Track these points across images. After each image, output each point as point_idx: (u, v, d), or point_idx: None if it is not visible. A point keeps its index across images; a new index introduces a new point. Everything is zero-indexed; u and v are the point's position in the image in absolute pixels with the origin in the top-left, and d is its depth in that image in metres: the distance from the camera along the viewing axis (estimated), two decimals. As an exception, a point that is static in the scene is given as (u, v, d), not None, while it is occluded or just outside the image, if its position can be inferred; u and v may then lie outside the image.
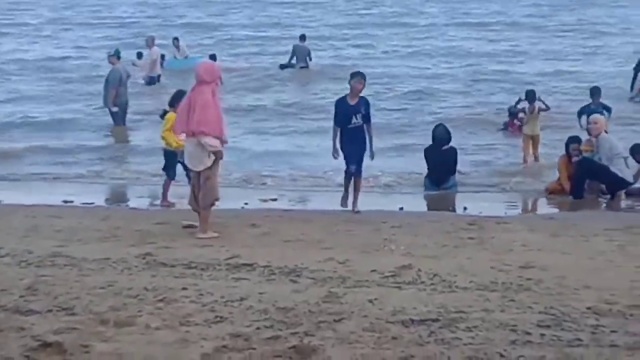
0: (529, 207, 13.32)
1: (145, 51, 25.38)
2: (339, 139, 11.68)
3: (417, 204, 13.12)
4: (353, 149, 11.55)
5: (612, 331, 6.01)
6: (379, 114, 18.67)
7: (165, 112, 12.56)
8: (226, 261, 8.41)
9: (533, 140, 15.68)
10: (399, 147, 17.16)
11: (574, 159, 13.51)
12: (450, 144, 14.07)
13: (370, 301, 6.85)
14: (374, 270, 7.93)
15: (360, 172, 11.73)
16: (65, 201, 12.88)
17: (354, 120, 11.47)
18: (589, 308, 6.60)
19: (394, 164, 15.36)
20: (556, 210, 12.86)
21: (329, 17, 41.35)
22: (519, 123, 17.50)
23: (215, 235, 9.88)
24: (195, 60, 28.64)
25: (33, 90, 25.38)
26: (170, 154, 12.48)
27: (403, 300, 6.87)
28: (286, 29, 36.90)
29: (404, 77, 26.28)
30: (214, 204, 10.13)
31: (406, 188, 14.18)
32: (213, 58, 25.99)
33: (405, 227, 10.39)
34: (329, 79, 25.62)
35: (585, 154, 13.46)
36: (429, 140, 14.35)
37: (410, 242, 9.40)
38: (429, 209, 13.10)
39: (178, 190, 12.45)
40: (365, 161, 11.80)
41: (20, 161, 16.66)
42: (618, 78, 23.79)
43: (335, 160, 11.95)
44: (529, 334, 5.97)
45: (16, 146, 17.81)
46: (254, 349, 5.70)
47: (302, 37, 28.65)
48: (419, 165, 14.29)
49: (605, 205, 12.95)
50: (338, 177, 13.01)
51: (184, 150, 10.40)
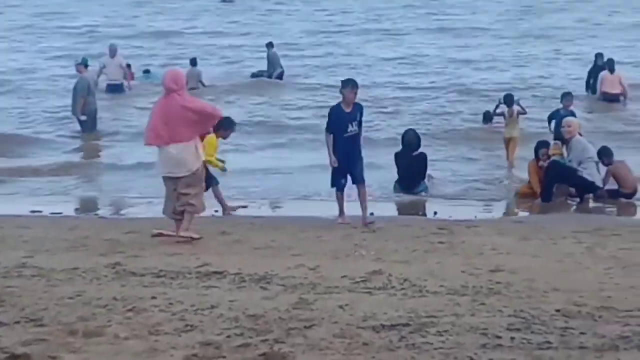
0: (499, 211, 13.37)
1: (106, 58, 25.14)
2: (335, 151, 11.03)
3: (388, 209, 13.13)
4: (350, 159, 11.06)
5: (581, 333, 6.05)
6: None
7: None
8: (196, 269, 8.37)
9: (513, 143, 15.80)
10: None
11: (541, 164, 13.59)
12: (420, 149, 14.11)
13: (340, 307, 6.85)
14: (344, 276, 7.93)
15: (363, 180, 11.25)
16: (33, 211, 12.75)
17: (350, 129, 10.98)
18: (558, 310, 6.64)
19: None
20: (526, 213, 12.94)
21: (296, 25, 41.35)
22: (496, 125, 17.76)
23: (196, 236, 9.99)
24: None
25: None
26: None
27: (374, 306, 6.87)
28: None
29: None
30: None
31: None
32: (193, 62, 25.91)
33: (375, 232, 10.41)
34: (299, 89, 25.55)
35: (554, 158, 13.55)
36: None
37: (381, 247, 9.41)
38: (399, 213, 13.12)
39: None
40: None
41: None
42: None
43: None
44: (499, 338, 5.99)
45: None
46: (224, 357, 5.68)
47: (271, 45, 28.57)
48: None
49: (574, 208, 13.03)
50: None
51: (160, 159, 10.13)
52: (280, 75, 27.74)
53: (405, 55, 30.51)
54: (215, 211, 12.54)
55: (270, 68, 27.67)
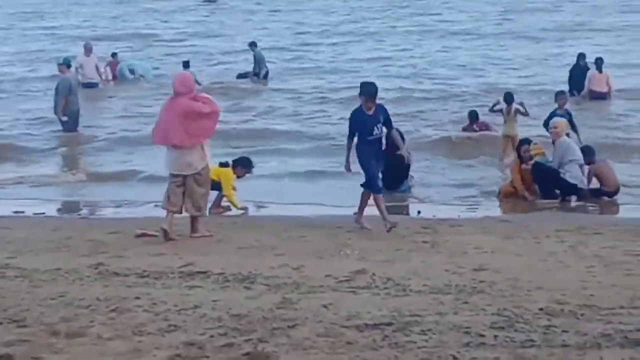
0: (483, 210, 13.39)
1: (82, 57, 25.11)
2: (354, 153, 10.78)
3: (371, 208, 13.12)
4: (378, 161, 10.73)
5: (564, 331, 6.07)
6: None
7: (222, 165, 12.52)
8: (180, 269, 8.36)
9: (512, 140, 15.83)
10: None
11: (523, 167, 13.63)
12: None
13: (324, 306, 6.86)
14: (328, 276, 7.95)
15: (380, 189, 10.94)
16: (16, 212, 12.70)
17: (375, 132, 10.58)
18: (541, 309, 6.67)
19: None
20: (509, 212, 12.96)
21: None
22: (478, 127, 17.92)
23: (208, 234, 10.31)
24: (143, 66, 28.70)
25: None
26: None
27: (357, 305, 6.88)
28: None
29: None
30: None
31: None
32: (186, 65, 25.96)
33: (359, 232, 10.42)
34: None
35: (536, 158, 13.58)
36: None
37: (365, 247, 9.42)
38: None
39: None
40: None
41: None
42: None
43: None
44: (482, 336, 6.01)
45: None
46: (208, 357, 5.68)
47: (254, 44, 28.55)
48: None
49: (557, 207, 13.06)
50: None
51: (167, 158, 10.36)
52: (266, 75, 27.77)
53: (388, 56, 30.56)
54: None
55: (256, 67, 27.70)
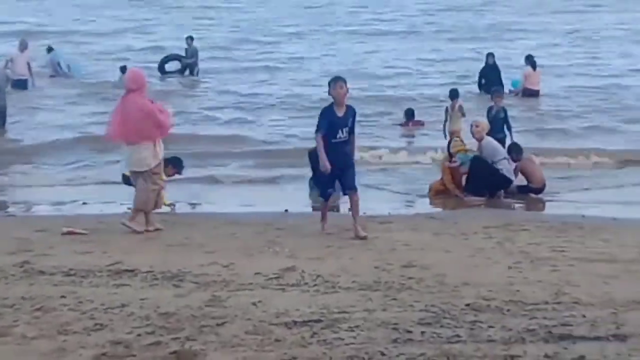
0: (412, 207, 13.51)
1: (15, 52, 24.74)
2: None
3: (302, 205, 13.16)
4: (339, 166, 9.95)
5: (490, 326, 6.14)
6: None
7: None
8: (107, 268, 8.25)
9: (454, 136, 16.02)
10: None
11: (447, 164, 13.78)
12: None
13: (253, 304, 6.84)
14: (257, 273, 7.92)
15: (355, 188, 10.18)
16: (-61, 210, 12.45)
17: (339, 135, 9.91)
18: (467, 305, 6.74)
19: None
20: (438, 209, 13.10)
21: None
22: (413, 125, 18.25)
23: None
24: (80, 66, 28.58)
25: None
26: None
27: (286, 302, 6.88)
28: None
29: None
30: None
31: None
32: (123, 70, 25.98)
33: (289, 229, 10.42)
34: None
35: (459, 155, 13.73)
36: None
37: (295, 244, 9.41)
38: (313, 210, 13.15)
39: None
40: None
41: None
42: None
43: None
44: (409, 332, 6.05)
45: None
46: (134, 355, 5.61)
47: (191, 38, 28.47)
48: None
49: (485, 204, 13.23)
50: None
51: (128, 157, 10.58)
52: (197, 72, 27.72)
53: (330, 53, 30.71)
54: (128, 208, 12.38)
55: (188, 66, 27.71)
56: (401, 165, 16.64)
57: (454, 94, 17.84)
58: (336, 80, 10.04)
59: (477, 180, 13.39)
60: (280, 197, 13.67)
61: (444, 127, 17.72)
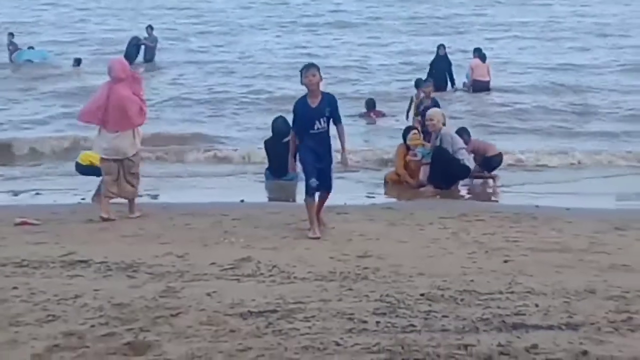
0: (369, 197, 13.54)
1: None
2: (301, 149, 9.67)
3: (258, 195, 13.14)
4: (317, 159, 9.46)
5: (444, 316, 6.18)
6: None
7: None
8: (60, 258, 8.18)
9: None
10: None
11: (408, 158, 13.83)
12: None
13: (208, 294, 6.81)
14: (213, 264, 7.89)
15: (330, 187, 9.72)
16: None
17: (317, 125, 9.35)
18: (422, 295, 6.76)
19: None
20: (394, 199, 13.14)
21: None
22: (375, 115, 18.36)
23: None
24: (40, 53, 28.58)
25: None
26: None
27: (242, 293, 6.85)
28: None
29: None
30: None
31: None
32: (78, 62, 26.12)
33: (245, 219, 10.38)
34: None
35: (418, 149, 13.77)
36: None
37: (250, 234, 9.40)
38: (269, 200, 13.16)
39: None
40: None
41: None
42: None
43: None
44: (364, 322, 6.06)
45: None
46: (88, 347, 5.55)
47: (150, 27, 28.44)
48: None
49: (440, 195, 13.29)
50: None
51: (101, 143, 10.67)
52: (152, 58, 27.77)
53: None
54: (82, 199, 12.29)
55: (147, 53, 27.68)
56: (358, 154, 16.62)
57: (418, 83, 18.08)
58: (308, 67, 9.45)
59: (438, 171, 13.45)
60: (236, 188, 13.64)
61: (407, 114, 17.82)
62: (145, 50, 27.93)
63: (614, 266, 7.91)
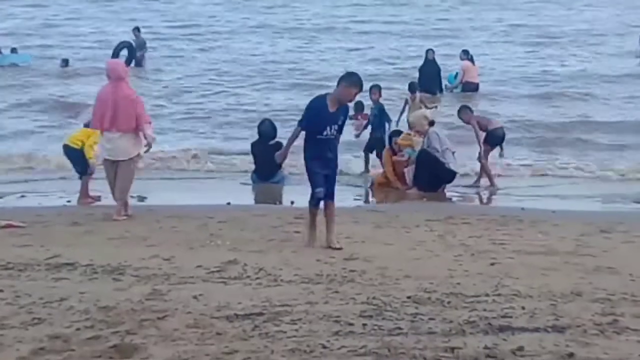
0: (355, 200, 13.56)
1: None
2: (308, 156, 9.00)
3: (244, 198, 13.13)
4: (323, 165, 8.94)
5: (430, 319, 6.18)
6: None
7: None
8: (46, 261, 8.14)
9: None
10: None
11: (395, 159, 13.84)
12: (276, 139, 14.16)
13: (195, 297, 6.79)
14: (199, 266, 7.87)
15: (333, 196, 9.11)
16: None
17: (326, 131, 8.82)
18: (409, 297, 6.77)
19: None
20: (381, 202, 13.15)
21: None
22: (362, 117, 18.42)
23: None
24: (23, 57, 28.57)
25: None
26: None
27: (228, 296, 6.84)
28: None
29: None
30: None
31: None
32: (66, 62, 26.16)
33: (231, 222, 10.36)
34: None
35: (407, 150, 13.80)
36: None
37: (237, 237, 9.38)
38: (255, 203, 13.15)
39: None
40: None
41: None
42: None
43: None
44: (351, 325, 6.05)
45: None
46: (73, 350, 5.53)
47: (137, 29, 28.39)
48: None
49: (427, 197, 13.30)
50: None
51: (104, 143, 10.87)
52: (144, 63, 27.71)
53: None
54: (68, 201, 12.25)
55: (134, 53, 27.63)
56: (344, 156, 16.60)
57: (413, 87, 18.36)
58: (351, 79, 8.87)
59: (424, 174, 13.46)
60: (223, 190, 13.62)
61: (399, 117, 17.78)
62: (129, 54, 27.67)
63: (599, 269, 7.94)
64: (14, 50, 29.20)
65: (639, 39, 30.16)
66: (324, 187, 8.95)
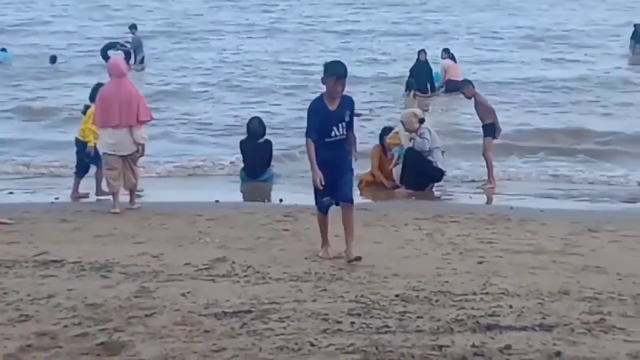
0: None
1: None
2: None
3: (233, 196, 13.11)
4: (335, 170, 8.12)
5: (418, 317, 6.19)
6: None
7: (87, 108, 12.28)
8: (34, 258, 8.12)
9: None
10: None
11: (390, 154, 13.85)
12: (265, 137, 14.16)
13: (183, 295, 6.79)
14: (187, 264, 7.87)
15: (351, 199, 8.34)
16: None
17: (334, 132, 8.07)
18: (397, 295, 6.78)
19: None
20: (369, 200, 13.15)
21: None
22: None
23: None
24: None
25: None
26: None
27: (216, 293, 6.84)
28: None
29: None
30: None
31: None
32: (53, 59, 26.08)
33: (220, 220, 10.35)
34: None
35: (395, 149, 13.80)
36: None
37: (225, 235, 9.38)
38: (244, 200, 13.14)
39: None
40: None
41: None
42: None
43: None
44: (339, 323, 6.06)
45: None
46: (61, 347, 5.52)
47: (134, 27, 28.29)
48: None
49: (415, 196, 13.30)
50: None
51: (106, 139, 10.98)
52: (142, 59, 27.59)
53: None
54: (56, 198, 12.21)
55: (134, 50, 27.56)
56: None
57: (410, 85, 19.50)
58: (334, 69, 8.08)
59: (411, 173, 13.46)
60: (211, 188, 13.60)
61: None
62: (126, 52, 27.45)
63: (587, 268, 7.97)
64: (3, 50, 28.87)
65: (629, 42, 30.13)
66: (330, 195, 8.23)
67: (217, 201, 12.09)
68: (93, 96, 11.78)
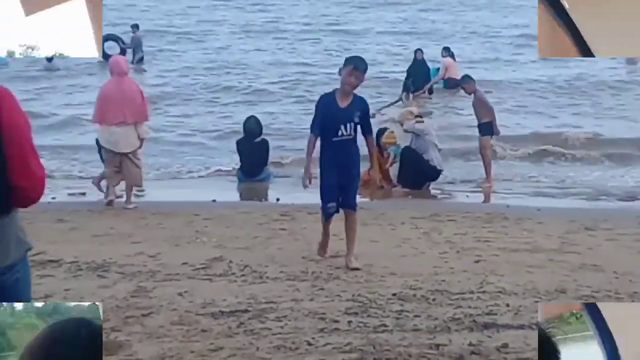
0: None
1: None
2: (320, 162, 8.00)
3: (230, 195, 13.11)
4: (343, 172, 7.85)
5: (415, 316, 6.20)
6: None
7: None
8: (30, 258, 8.06)
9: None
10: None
11: (386, 153, 13.85)
12: (262, 137, 14.15)
13: (180, 294, 6.79)
14: (184, 263, 7.87)
15: (354, 205, 8.11)
16: None
17: (341, 131, 7.77)
18: (394, 294, 6.79)
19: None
20: (366, 199, 13.14)
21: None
22: None
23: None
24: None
25: None
26: None
27: (213, 292, 6.85)
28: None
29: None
30: None
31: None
32: (50, 59, 26.09)
33: (217, 219, 10.35)
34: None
35: (391, 148, 13.81)
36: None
37: (222, 234, 9.37)
38: (241, 200, 13.13)
39: None
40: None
41: None
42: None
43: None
44: (336, 322, 6.07)
45: None
46: (57, 347, 5.51)
47: (136, 27, 28.25)
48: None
49: (412, 194, 13.32)
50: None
51: (106, 135, 11.12)
52: (141, 59, 27.58)
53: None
54: (53, 198, 12.18)
55: (133, 50, 27.54)
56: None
57: (407, 86, 19.39)
58: (353, 61, 7.81)
59: (408, 171, 13.46)
60: (208, 187, 13.60)
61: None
62: (122, 49, 27.41)
63: (584, 266, 7.98)
64: None
65: None
66: (337, 200, 7.95)
67: (214, 200, 12.09)
68: None
